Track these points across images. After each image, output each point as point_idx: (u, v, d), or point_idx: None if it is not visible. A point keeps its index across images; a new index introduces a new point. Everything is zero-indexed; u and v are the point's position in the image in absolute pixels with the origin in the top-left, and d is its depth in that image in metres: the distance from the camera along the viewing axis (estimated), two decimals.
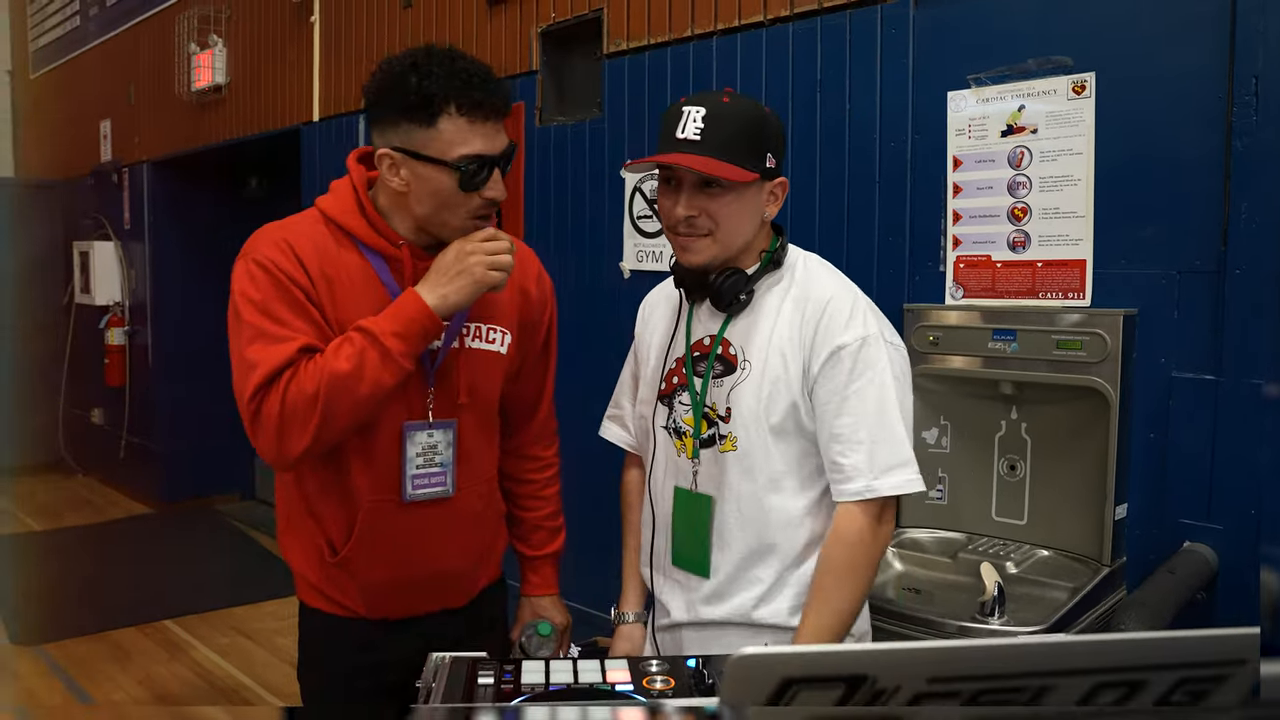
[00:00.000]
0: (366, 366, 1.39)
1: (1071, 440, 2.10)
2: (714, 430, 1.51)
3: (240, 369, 1.42)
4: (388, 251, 1.51)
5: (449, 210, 1.46)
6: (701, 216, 1.45)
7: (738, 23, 2.68)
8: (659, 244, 2.91)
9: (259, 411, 1.39)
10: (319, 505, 1.55)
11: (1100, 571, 1.99)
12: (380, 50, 3.96)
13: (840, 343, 1.43)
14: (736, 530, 1.50)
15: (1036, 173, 2.15)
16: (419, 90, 1.40)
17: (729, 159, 1.42)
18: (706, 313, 1.55)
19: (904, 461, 1.43)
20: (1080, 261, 2.10)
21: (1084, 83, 2.07)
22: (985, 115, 2.22)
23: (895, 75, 2.36)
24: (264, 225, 1.53)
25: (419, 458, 1.53)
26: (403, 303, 1.44)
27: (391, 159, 1.45)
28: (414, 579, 1.58)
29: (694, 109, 1.44)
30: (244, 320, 1.44)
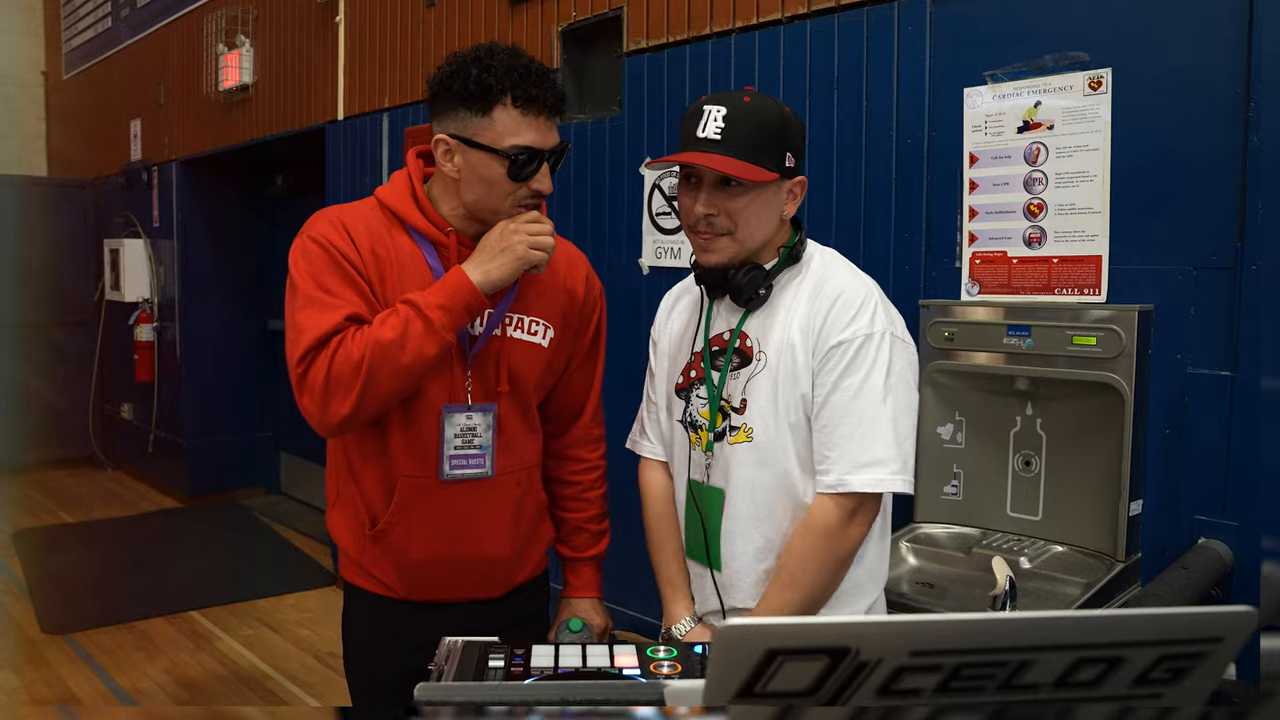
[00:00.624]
0: (410, 335, 1.44)
1: (1087, 436, 2.10)
2: (728, 422, 1.53)
3: (291, 334, 1.49)
4: (436, 237, 1.57)
5: (496, 198, 1.53)
6: (720, 215, 1.47)
7: (756, 20, 2.69)
8: (677, 240, 2.93)
9: (306, 374, 1.46)
10: (362, 476, 1.61)
11: (1114, 567, 1.99)
12: (404, 49, 4.01)
13: (842, 338, 1.45)
14: (748, 522, 1.52)
15: (1053, 169, 2.15)
16: (478, 81, 1.47)
17: (749, 158, 1.44)
18: (726, 308, 1.58)
19: (882, 460, 1.44)
20: (1096, 258, 2.10)
21: (1100, 79, 2.06)
22: (1002, 111, 2.22)
23: (912, 72, 2.37)
24: (321, 211, 1.61)
25: (457, 439, 1.58)
26: (447, 278, 1.50)
27: (447, 145, 1.52)
28: (450, 560, 1.62)
29: (715, 108, 1.46)
30: (298, 289, 1.51)
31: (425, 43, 3.89)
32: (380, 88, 4.16)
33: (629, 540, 1.86)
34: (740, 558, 1.53)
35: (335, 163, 4.47)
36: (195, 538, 5.61)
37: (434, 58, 3.83)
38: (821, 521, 1.46)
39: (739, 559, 1.53)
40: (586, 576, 1.80)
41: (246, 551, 5.28)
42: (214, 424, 6.19)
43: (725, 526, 1.54)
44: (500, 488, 1.63)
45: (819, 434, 1.47)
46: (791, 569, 1.47)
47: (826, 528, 1.46)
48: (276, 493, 6.39)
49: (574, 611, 1.78)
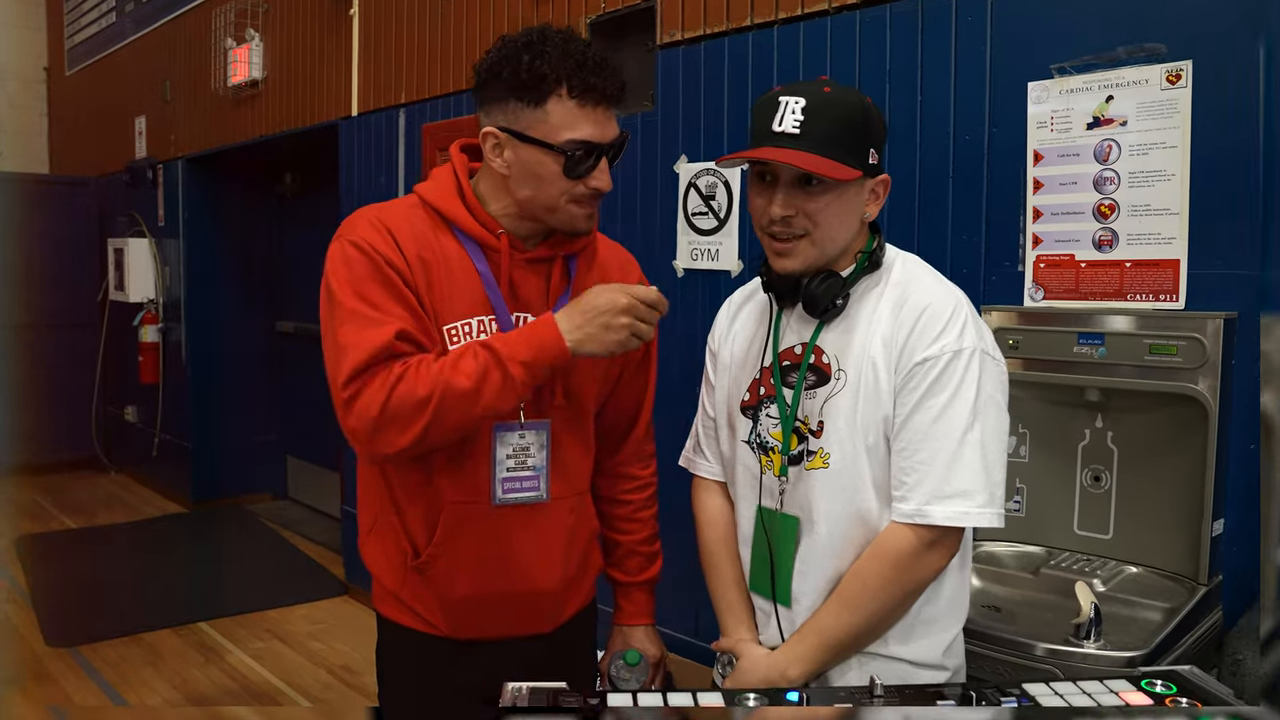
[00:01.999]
0: (487, 388, 1.33)
1: (1162, 450, 1.98)
2: (804, 446, 1.40)
3: (333, 352, 1.36)
4: (485, 240, 1.45)
5: (551, 196, 1.40)
6: (799, 217, 1.35)
7: (800, 11, 2.57)
8: (714, 242, 2.81)
9: (357, 399, 1.33)
10: (404, 503, 1.48)
11: (1197, 591, 1.86)
12: (422, 42, 3.88)
13: (928, 354, 1.32)
14: (824, 555, 1.39)
15: (1125, 167, 2.03)
16: (530, 69, 1.34)
17: (830, 154, 1.31)
18: (797, 319, 1.44)
19: (967, 490, 1.32)
20: (1173, 261, 1.98)
21: (1179, 72, 1.94)
22: (1069, 107, 2.09)
23: (971, 65, 2.24)
24: (357, 211, 1.47)
25: (509, 459, 1.46)
26: (539, 333, 1.36)
27: (496, 139, 1.40)
28: (498, 595, 1.49)
29: (792, 99, 1.34)
30: (337, 302, 1.38)
31: (445, 36, 3.76)
32: (396, 82, 4.03)
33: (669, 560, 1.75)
34: (812, 594, 1.41)
35: (349, 160, 4.34)
36: (201, 544, 5.49)
37: (454, 51, 3.71)
38: (894, 549, 1.34)
39: (810, 595, 1.41)
40: (640, 602, 1.68)
41: (254, 559, 5.15)
42: (220, 427, 6.05)
43: (800, 558, 1.41)
44: (553, 514, 1.50)
45: (898, 457, 1.34)
46: (855, 590, 1.35)
47: (898, 556, 1.34)
48: (284, 498, 6.26)
49: (628, 640, 1.66)
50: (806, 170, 1.31)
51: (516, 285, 1.47)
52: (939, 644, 1.41)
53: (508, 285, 1.46)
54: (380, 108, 4.14)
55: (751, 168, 1.40)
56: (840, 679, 1.39)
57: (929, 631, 1.41)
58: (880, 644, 1.38)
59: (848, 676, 1.38)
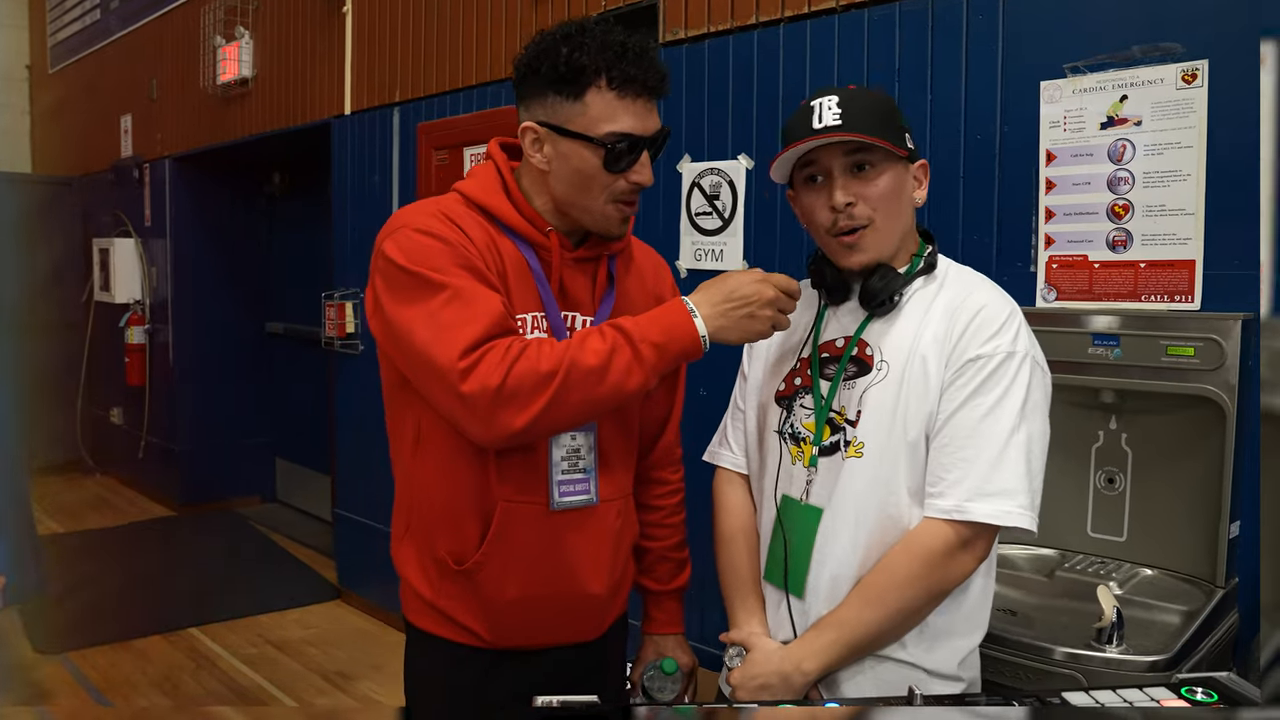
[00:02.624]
0: (615, 365, 1.28)
1: (1177, 452, 1.96)
2: (839, 436, 1.39)
3: (436, 334, 1.28)
4: (534, 238, 1.41)
5: (590, 192, 1.37)
6: (859, 204, 1.35)
7: (807, 9, 2.55)
8: (718, 242, 2.78)
9: (472, 372, 1.25)
10: (453, 505, 1.42)
11: (1215, 594, 1.85)
12: (417, 40, 3.84)
13: (981, 351, 1.32)
14: (847, 547, 1.37)
15: (1140, 168, 2.01)
16: (569, 61, 1.31)
17: (876, 134, 1.33)
18: (844, 313, 1.45)
19: (1010, 490, 1.30)
20: (1189, 262, 1.96)
21: (1195, 71, 1.93)
22: (1083, 106, 2.08)
23: (983, 64, 2.23)
24: (402, 209, 1.43)
25: (564, 461, 1.42)
26: (669, 313, 1.32)
27: (535, 133, 1.37)
28: (548, 599, 1.45)
29: (825, 99, 1.37)
30: (427, 283, 1.30)
31: (440, 34, 3.72)
32: (391, 81, 3.99)
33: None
34: (829, 587, 1.38)
35: (341, 160, 4.29)
36: (190, 548, 5.41)
37: (450, 50, 3.67)
38: (927, 546, 1.32)
39: (827, 588, 1.38)
40: (672, 611, 1.66)
41: (244, 563, 5.08)
42: (208, 429, 5.98)
43: (819, 548, 1.39)
44: (602, 517, 1.47)
45: (938, 453, 1.33)
46: (882, 585, 1.33)
47: (930, 554, 1.32)
48: (273, 501, 6.20)
49: (659, 649, 1.63)
50: (862, 141, 1.33)
51: (565, 283, 1.45)
52: (956, 654, 1.39)
53: (558, 283, 1.44)
54: (374, 106, 4.09)
55: (798, 175, 1.42)
56: (850, 681, 1.37)
57: (948, 640, 1.39)
58: (896, 648, 1.36)
59: (858, 680, 1.36)
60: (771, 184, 2.65)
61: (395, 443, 1.52)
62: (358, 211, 4.21)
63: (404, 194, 3.92)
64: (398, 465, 1.52)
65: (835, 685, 1.36)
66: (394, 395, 1.49)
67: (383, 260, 1.35)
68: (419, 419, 1.44)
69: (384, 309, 1.35)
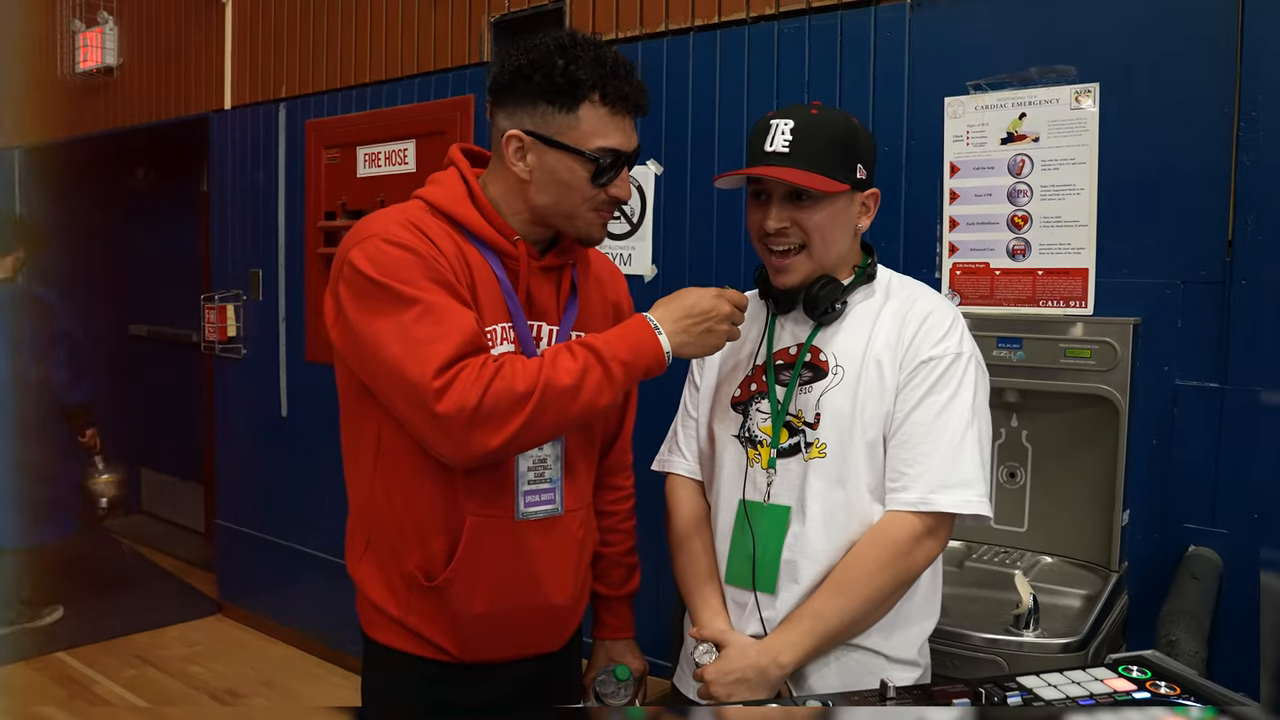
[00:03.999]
0: (587, 384, 1.28)
1: (1075, 447, 2.11)
2: (798, 439, 1.44)
3: (408, 349, 1.26)
4: (503, 248, 1.40)
5: (573, 203, 1.38)
6: (792, 228, 1.43)
7: (717, 19, 2.60)
8: (626, 246, 2.81)
9: (447, 390, 1.23)
10: (418, 519, 1.40)
11: (1110, 578, 2.00)
12: (305, 36, 3.72)
13: (933, 353, 1.41)
14: (819, 543, 1.43)
15: (1038, 181, 2.15)
16: (565, 73, 1.31)
17: (818, 170, 1.40)
18: (792, 322, 1.51)
19: (969, 481, 1.39)
20: (1083, 270, 2.11)
21: (1088, 92, 2.08)
22: (984, 122, 2.21)
23: (890, 79, 2.33)
24: (365, 218, 1.39)
25: (530, 472, 1.42)
26: (633, 330, 1.34)
27: (520, 142, 1.36)
28: (515, 611, 1.44)
29: (781, 122, 1.42)
30: (394, 294, 1.28)
31: (332, 30, 3.61)
32: (277, 76, 3.85)
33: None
34: (800, 582, 1.43)
35: (222, 156, 4.11)
36: None
37: (344, 46, 3.57)
38: (893, 536, 1.39)
39: (799, 582, 1.43)
40: (623, 616, 1.68)
41: (113, 580, 4.79)
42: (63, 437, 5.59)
43: (789, 546, 1.44)
44: (567, 527, 1.47)
45: (898, 449, 1.41)
46: (852, 576, 1.39)
47: (898, 543, 1.39)
48: (138, 512, 5.86)
49: (611, 655, 1.65)
50: (794, 184, 1.39)
51: (532, 293, 1.44)
52: (915, 639, 1.48)
53: (525, 293, 1.43)
54: (257, 101, 3.94)
55: (749, 187, 1.49)
56: (816, 674, 1.42)
57: (905, 627, 1.47)
58: (862, 637, 1.42)
59: (823, 671, 1.41)
60: (681, 190, 2.71)
61: (351, 454, 1.48)
62: (239, 210, 4.04)
63: (292, 193, 3.79)
64: (354, 478, 1.48)
65: (802, 678, 1.41)
66: (352, 405, 1.45)
67: (349, 269, 1.32)
68: (379, 430, 1.41)
69: (349, 319, 1.33)
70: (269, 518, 4.02)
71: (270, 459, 3.97)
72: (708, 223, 2.64)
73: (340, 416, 1.51)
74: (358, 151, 3.51)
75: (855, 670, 1.41)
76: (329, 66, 3.64)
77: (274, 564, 3.99)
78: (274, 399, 3.89)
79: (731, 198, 2.58)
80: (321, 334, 3.63)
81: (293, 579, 3.91)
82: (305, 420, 3.80)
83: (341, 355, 1.40)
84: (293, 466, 3.86)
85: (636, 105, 1.39)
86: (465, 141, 3.16)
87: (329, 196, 3.61)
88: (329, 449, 3.64)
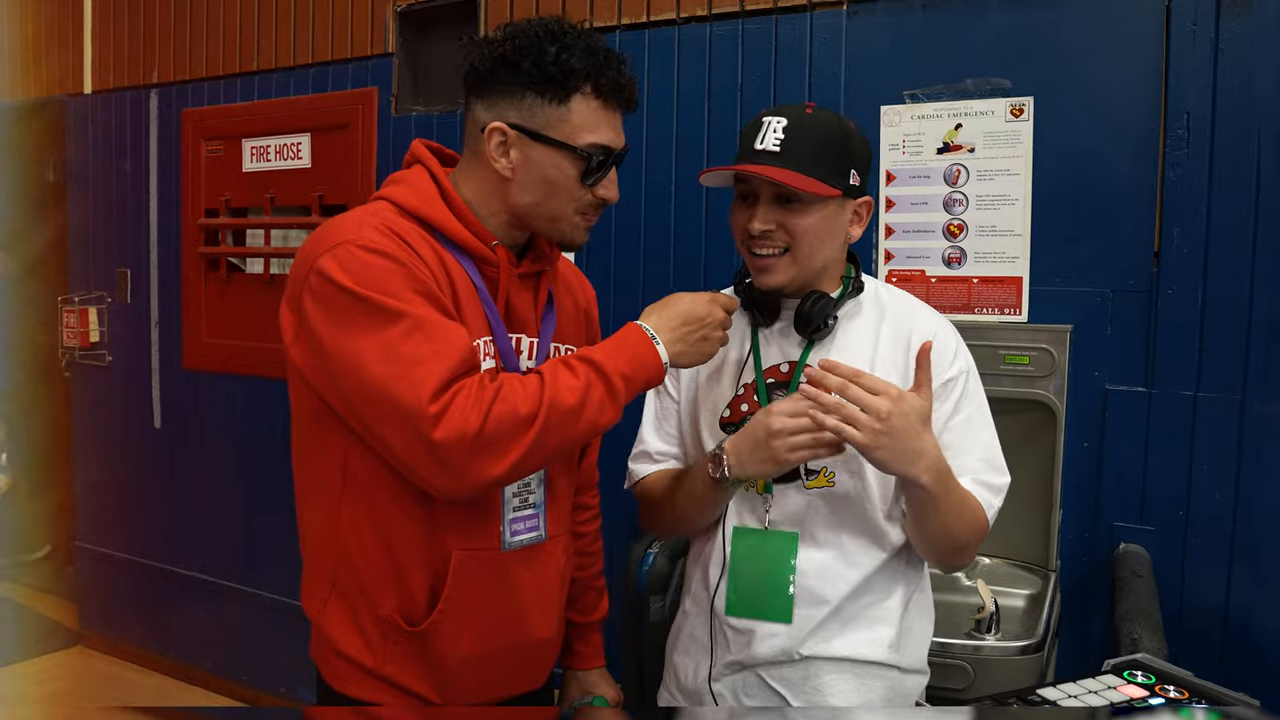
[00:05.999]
0: (590, 402, 1.19)
1: (1011, 452, 2.13)
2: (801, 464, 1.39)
3: (397, 371, 1.14)
4: (481, 254, 1.29)
5: (559, 203, 1.28)
6: (778, 231, 1.36)
7: (646, 19, 2.55)
8: None
9: (444, 416, 1.12)
10: (400, 555, 1.27)
11: (1049, 578, 2.06)
12: (180, 18, 3.44)
13: (950, 374, 1.40)
14: (840, 566, 1.38)
15: (973, 191, 2.20)
16: (557, 61, 1.21)
17: (810, 172, 1.33)
18: (778, 336, 1.45)
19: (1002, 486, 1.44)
20: (1017, 279, 2.17)
21: (1022, 106, 2.14)
22: (921, 132, 2.24)
23: (825, 86, 2.33)
24: (330, 221, 1.25)
25: (515, 498, 1.31)
26: (637, 345, 1.25)
27: (504, 136, 1.25)
28: (501, 649, 1.33)
29: (774, 120, 1.36)
30: (377, 308, 1.16)
31: (214, 13, 3.35)
32: (148, 60, 3.55)
33: None
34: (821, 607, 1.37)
35: (80, 144, 3.76)
36: None
37: (225, 31, 3.33)
38: None
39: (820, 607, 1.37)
40: (595, 643, 1.59)
41: None
42: None
43: (804, 572, 1.38)
44: (550, 554, 1.38)
45: None
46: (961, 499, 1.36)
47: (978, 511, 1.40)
48: None
49: (585, 686, 1.57)
50: (782, 184, 1.32)
51: (511, 303, 1.34)
52: (923, 649, 1.47)
53: (504, 303, 1.32)
54: (124, 87, 3.62)
55: (736, 188, 1.41)
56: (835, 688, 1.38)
57: (914, 635, 1.45)
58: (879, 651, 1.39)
59: (843, 688, 1.38)
60: None
61: (309, 484, 1.34)
62: (102, 206, 3.71)
63: (165, 185, 3.51)
64: (313, 510, 1.34)
65: (819, 691, 1.37)
66: (310, 430, 1.31)
67: (319, 279, 1.19)
68: (346, 458, 1.27)
69: (318, 336, 1.19)
70: (139, 539, 3.71)
71: (141, 475, 3.66)
72: (635, 224, 2.58)
73: (293, 442, 1.36)
74: (243, 144, 3.27)
75: (875, 686, 1.38)
76: (209, 52, 3.38)
77: (145, 589, 3.69)
78: (145, 410, 3.59)
79: (659, 199, 2.54)
80: (202, 339, 3.40)
81: (168, 604, 3.62)
82: (182, 432, 3.53)
83: (303, 376, 1.25)
84: (168, 482, 3.57)
85: (629, 100, 1.31)
86: (369, 136, 3.01)
87: (210, 192, 3.36)
88: (209, 462, 3.41)
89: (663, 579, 2.04)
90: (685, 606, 1.50)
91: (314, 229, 1.32)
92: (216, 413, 3.39)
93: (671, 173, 2.53)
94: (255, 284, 3.25)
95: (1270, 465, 1.95)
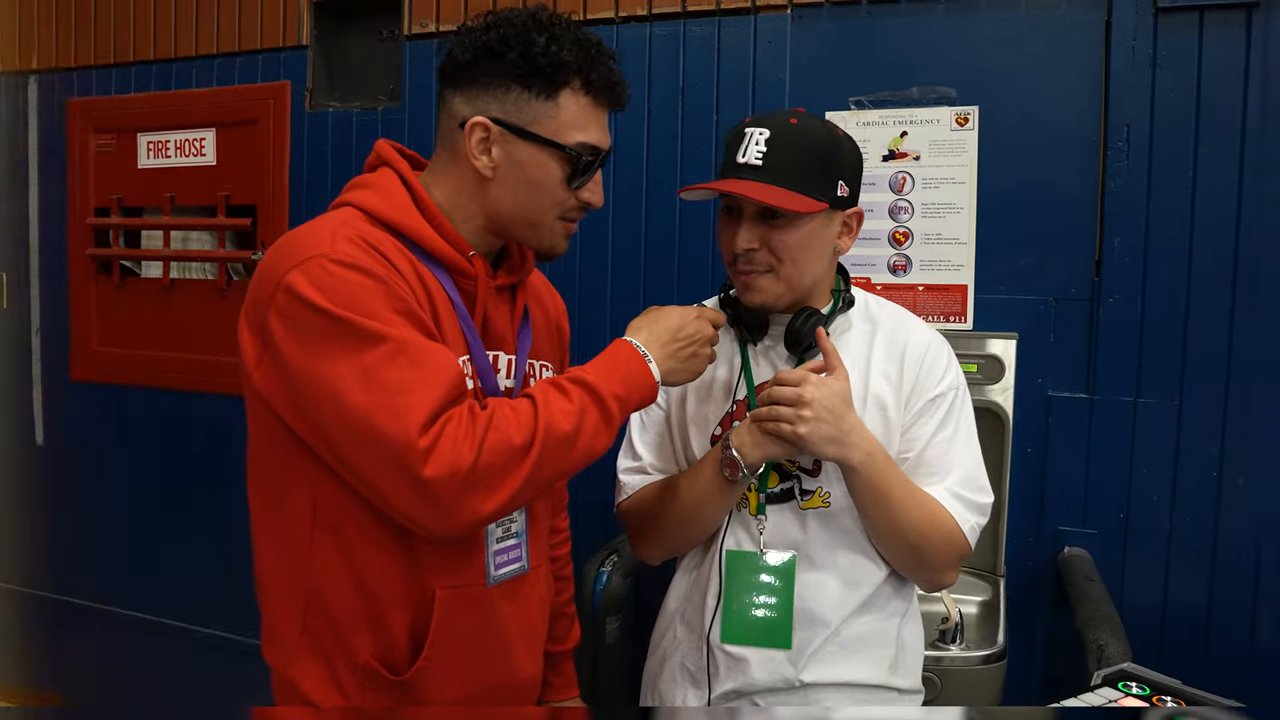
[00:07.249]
0: (585, 428, 1.10)
1: None
2: (791, 484, 1.35)
3: (379, 399, 1.03)
4: (457, 266, 1.19)
5: (540, 207, 1.20)
6: (762, 250, 1.31)
7: (582, 15, 2.47)
8: None
9: (434, 450, 1.02)
10: (377, 596, 1.16)
11: (999, 583, 2.08)
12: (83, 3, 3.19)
13: (939, 390, 1.37)
14: (839, 589, 1.35)
15: (919, 198, 2.21)
16: (546, 53, 1.12)
17: (793, 187, 1.28)
18: (769, 352, 1.40)
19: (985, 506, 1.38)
20: (962, 286, 2.19)
21: (967, 115, 2.15)
22: (866, 138, 2.23)
23: (770, 90, 2.30)
24: (295, 231, 1.13)
25: (498, 528, 1.22)
26: (630, 364, 1.16)
27: (486, 132, 1.15)
28: (486, 693, 1.23)
29: (757, 131, 1.31)
30: (355, 329, 1.05)
31: None
32: (26, 42, 3.26)
33: None
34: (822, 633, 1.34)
35: None
36: None
37: (117, 17, 3.09)
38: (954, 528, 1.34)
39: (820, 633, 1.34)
40: (568, 673, 1.52)
41: None
42: None
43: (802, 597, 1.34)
44: (533, 585, 1.30)
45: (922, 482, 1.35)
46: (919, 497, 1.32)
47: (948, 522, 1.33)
48: None
49: None
50: (765, 203, 1.28)
51: (489, 318, 1.24)
52: (918, 667, 1.45)
53: (481, 318, 1.23)
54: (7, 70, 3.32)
55: (720, 201, 1.36)
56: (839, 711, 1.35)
57: (909, 654, 1.43)
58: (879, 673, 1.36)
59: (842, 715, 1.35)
60: None
61: (272, 520, 1.21)
62: None
63: (47, 182, 3.23)
64: (275, 548, 1.21)
65: None
66: (272, 461, 1.19)
67: (287, 297, 1.08)
68: (314, 491, 1.16)
69: (286, 360, 1.08)
70: (17, 564, 3.41)
71: (19, 495, 3.37)
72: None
73: (250, 474, 1.24)
74: (139, 139, 3.04)
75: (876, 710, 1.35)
76: (99, 38, 3.13)
77: (39, 621, 3.39)
78: (25, 425, 3.31)
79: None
80: (92, 348, 3.14)
81: (54, 635, 3.35)
82: (68, 449, 3.26)
83: (268, 404, 1.14)
84: (53, 503, 3.30)
85: (619, 99, 1.24)
86: (281, 133, 2.84)
87: (100, 190, 3.11)
88: (99, 482, 3.16)
89: (618, 599, 1.97)
90: (676, 633, 1.44)
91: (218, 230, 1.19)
92: (108, 427, 3.14)
93: (610, 179, 2.46)
94: (154, 289, 3.02)
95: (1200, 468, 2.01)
